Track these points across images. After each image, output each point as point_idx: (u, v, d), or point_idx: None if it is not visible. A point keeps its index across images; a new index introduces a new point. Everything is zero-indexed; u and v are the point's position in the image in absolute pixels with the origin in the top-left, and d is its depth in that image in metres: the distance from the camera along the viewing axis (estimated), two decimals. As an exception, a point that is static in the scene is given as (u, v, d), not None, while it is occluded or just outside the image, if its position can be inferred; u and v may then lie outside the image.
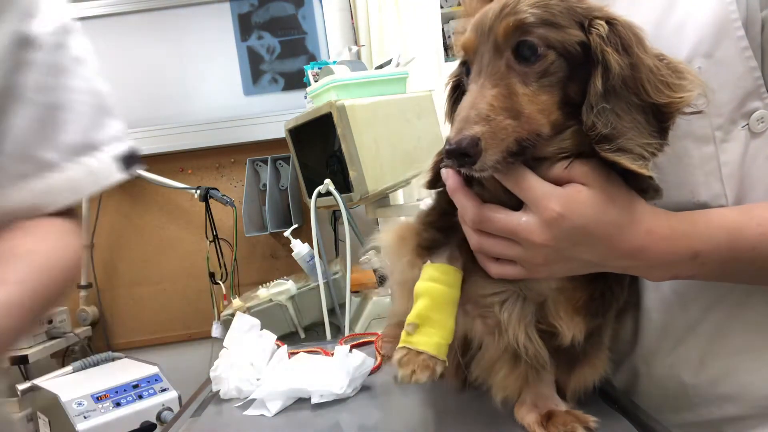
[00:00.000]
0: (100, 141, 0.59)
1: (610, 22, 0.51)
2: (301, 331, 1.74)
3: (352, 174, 1.58)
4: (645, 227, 0.53)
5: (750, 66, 0.56)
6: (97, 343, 2.31)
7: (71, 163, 0.55)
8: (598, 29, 0.50)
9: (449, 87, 0.63)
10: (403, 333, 0.58)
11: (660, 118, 0.51)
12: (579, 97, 0.52)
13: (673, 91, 0.50)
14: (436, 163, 0.61)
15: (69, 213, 0.58)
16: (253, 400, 0.78)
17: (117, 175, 0.59)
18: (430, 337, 0.57)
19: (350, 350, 0.82)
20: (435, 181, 0.62)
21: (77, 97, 0.56)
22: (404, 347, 0.57)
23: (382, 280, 1.66)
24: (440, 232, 0.61)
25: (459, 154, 0.48)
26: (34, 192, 0.53)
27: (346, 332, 1.60)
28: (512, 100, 0.50)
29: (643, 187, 0.53)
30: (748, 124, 0.58)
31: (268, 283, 1.77)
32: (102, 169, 0.58)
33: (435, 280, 0.58)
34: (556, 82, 0.51)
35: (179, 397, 1.66)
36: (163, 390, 1.66)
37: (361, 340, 1.01)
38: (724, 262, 0.54)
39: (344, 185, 1.66)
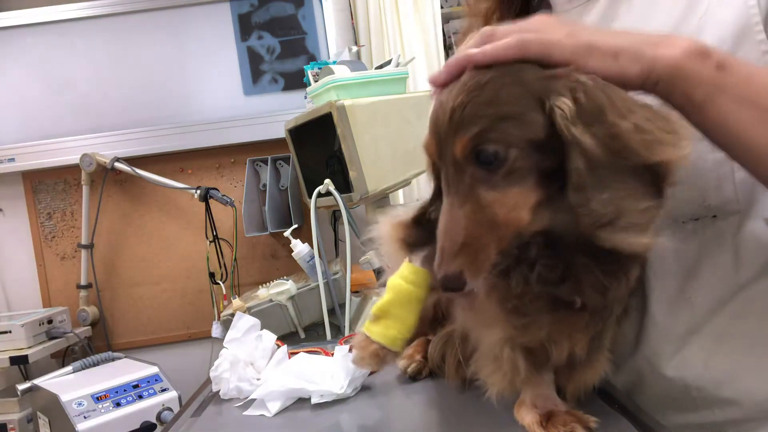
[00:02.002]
0: None
1: (575, 96, 0.46)
2: (301, 331, 1.73)
3: (352, 174, 1.58)
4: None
5: None
6: (97, 343, 2.31)
7: None
8: (561, 109, 0.45)
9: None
10: (366, 321, 0.63)
11: (655, 178, 0.47)
12: (556, 165, 0.47)
13: (665, 146, 0.46)
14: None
15: None
16: (253, 400, 0.78)
17: None
18: (387, 330, 0.62)
19: (350, 350, 0.81)
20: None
21: None
22: (364, 334, 0.63)
23: (379, 274, 1.66)
24: (426, 230, 0.62)
25: (447, 288, 0.49)
26: None
27: (346, 332, 1.60)
28: (484, 212, 0.48)
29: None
30: None
31: (268, 283, 1.77)
32: None
33: (404, 278, 0.63)
34: (527, 172, 0.48)
35: (179, 397, 1.66)
36: (163, 390, 1.66)
37: (361, 340, 1.01)
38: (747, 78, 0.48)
39: (344, 185, 1.66)
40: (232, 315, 1.04)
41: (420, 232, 0.63)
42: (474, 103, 0.47)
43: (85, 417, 1.49)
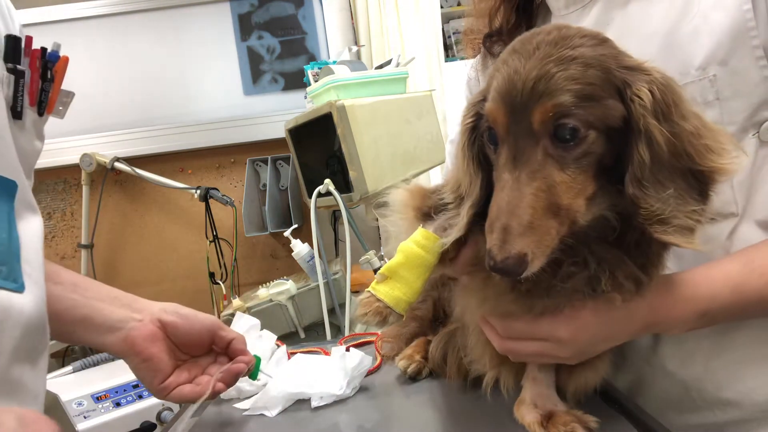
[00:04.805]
0: None
1: (652, 90, 0.47)
2: (301, 331, 1.74)
3: (352, 174, 1.58)
4: (647, 308, 0.55)
5: (764, 75, 0.56)
6: (97, 343, 2.31)
7: None
8: (641, 99, 0.46)
9: (466, 127, 0.56)
10: (374, 281, 0.63)
11: (702, 182, 0.48)
12: (613, 161, 0.49)
13: (717, 155, 0.48)
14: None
15: None
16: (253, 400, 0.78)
17: None
18: (393, 290, 0.61)
19: (347, 350, 0.81)
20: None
21: None
22: (369, 292, 0.62)
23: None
24: (444, 203, 0.63)
25: (506, 272, 0.46)
26: None
27: (346, 332, 1.60)
28: (551, 193, 0.46)
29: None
30: (758, 133, 0.58)
31: (268, 283, 1.77)
32: None
33: (416, 243, 0.61)
34: (594, 159, 0.48)
35: (179, 397, 1.65)
36: (163, 390, 1.65)
37: (360, 340, 1.01)
38: (732, 313, 0.57)
39: (344, 185, 1.66)
40: (232, 315, 1.04)
41: (437, 202, 0.63)
42: (561, 75, 0.46)
43: (85, 417, 1.49)
